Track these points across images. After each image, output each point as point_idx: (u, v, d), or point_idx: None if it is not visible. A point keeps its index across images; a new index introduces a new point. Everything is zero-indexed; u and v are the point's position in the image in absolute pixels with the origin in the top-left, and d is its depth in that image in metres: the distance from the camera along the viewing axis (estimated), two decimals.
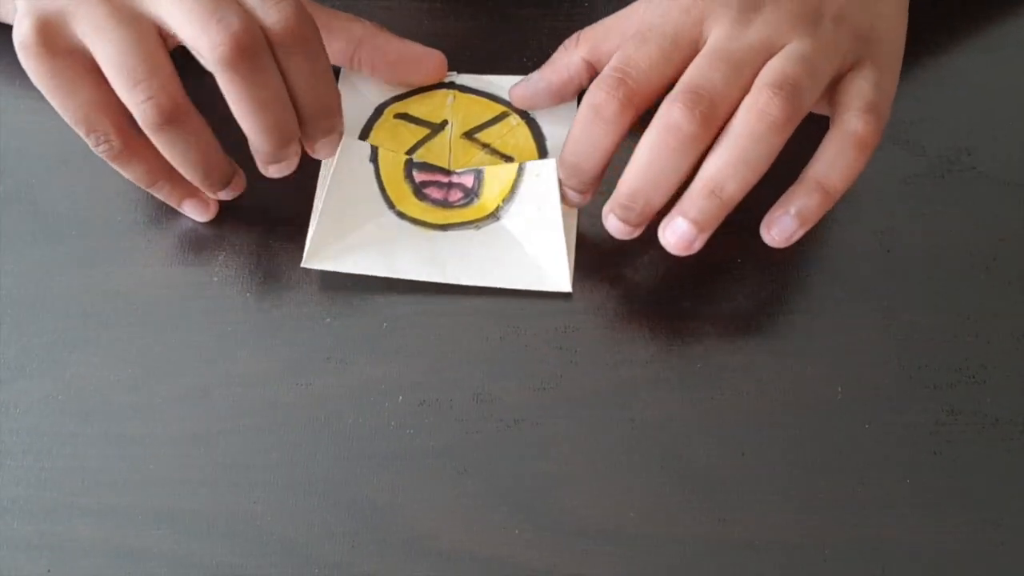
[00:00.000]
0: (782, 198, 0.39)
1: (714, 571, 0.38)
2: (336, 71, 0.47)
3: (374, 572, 0.39)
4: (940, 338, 0.42)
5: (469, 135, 0.47)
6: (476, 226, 0.44)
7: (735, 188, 0.38)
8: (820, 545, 0.39)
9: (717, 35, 0.39)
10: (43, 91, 0.38)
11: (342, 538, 0.39)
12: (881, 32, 0.41)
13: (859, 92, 0.39)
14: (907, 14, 0.43)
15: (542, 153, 0.46)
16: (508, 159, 0.46)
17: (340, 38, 0.45)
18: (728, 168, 0.38)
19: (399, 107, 0.47)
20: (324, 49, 0.39)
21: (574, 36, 0.44)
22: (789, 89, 0.37)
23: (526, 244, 0.44)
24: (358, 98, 0.47)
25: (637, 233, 0.41)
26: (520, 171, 0.44)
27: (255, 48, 0.37)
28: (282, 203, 0.43)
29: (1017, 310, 0.42)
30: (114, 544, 0.39)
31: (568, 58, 0.44)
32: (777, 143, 0.37)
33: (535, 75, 0.45)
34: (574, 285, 0.43)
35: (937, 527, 0.39)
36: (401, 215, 0.45)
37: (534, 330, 0.42)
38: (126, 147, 0.39)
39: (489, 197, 0.45)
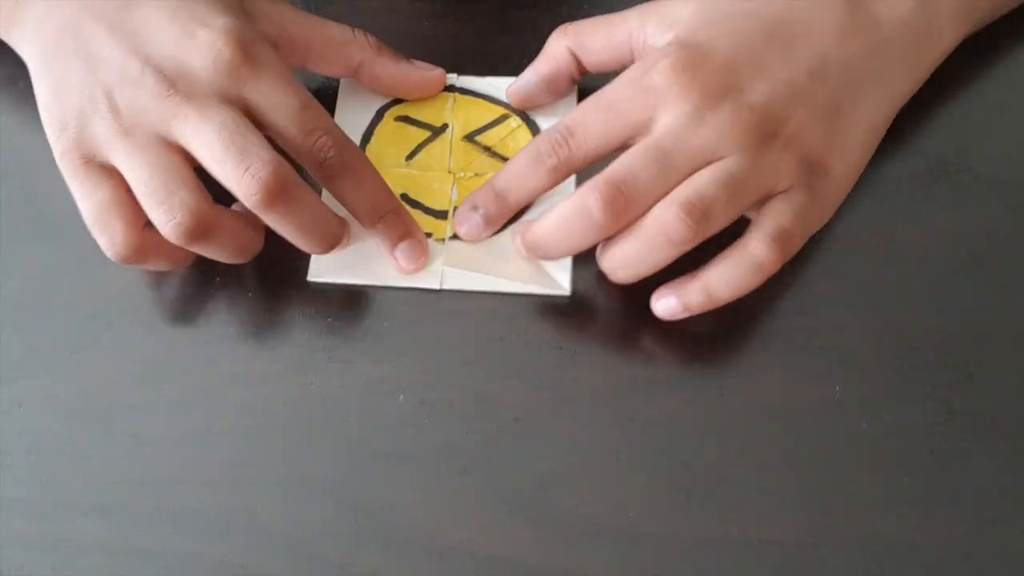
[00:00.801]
0: (676, 281, 0.41)
1: (714, 571, 0.38)
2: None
3: (375, 571, 0.39)
4: (938, 338, 0.42)
5: (470, 138, 0.47)
6: None
7: (625, 276, 0.41)
8: (820, 545, 0.39)
9: (664, 126, 0.40)
10: (72, 191, 0.40)
11: (343, 537, 0.39)
12: (832, 164, 0.41)
13: (776, 216, 0.40)
14: (873, 148, 0.43)
15: None
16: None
17: (338, 63, 0.46)
18: (622, 260, 0.40)
19: (400, 110, 0.48)
20: (370, 167, 0.42)
21: (560, 28, 0.45)
22: (698, 215, 0.38)
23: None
24: (359, 101, 0.47)
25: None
26: None
27: (286, 188, 0.39)
28: None
29: (1015, 310, 0.42)
30: (117, 543, 0.39)
31: (555, 48, 0.45)
32: (673, 255, 0.40)
33: (526, 72, 0.46)
34: (573, 285, 0.43)
35: (936, 527, 0.39)
36: None
37: (534, 330, 0.43)
38: (134, 251, 0.40)
39: None
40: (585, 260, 0.43)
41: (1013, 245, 0.44)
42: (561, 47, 0.44)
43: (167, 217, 0.38)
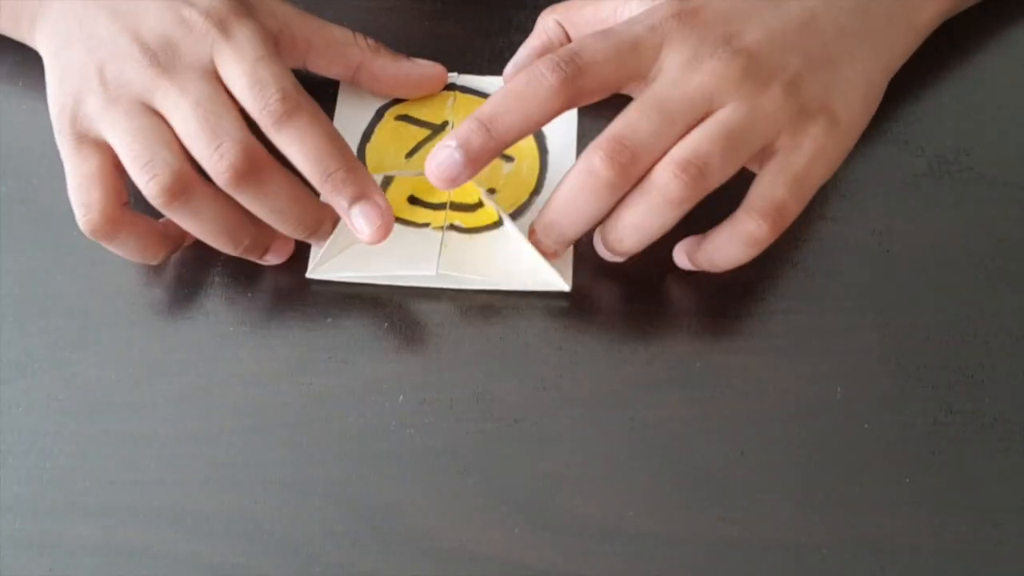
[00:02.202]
0: (691, 240, 0.42)
1: (714, 571, 0.39)
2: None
3: (374, 571, 0.39)
4: (938, 338, 0.42)
5: None
6: (479, 232, 0.45)
7: (631, 245, 0.41)
8: (820, 545, 0.39)
9: (664, 75, 0.40)
10: (65, 167, 0.41)
11: (343, 537, 0.39)
12: (838, 112, 0.40)
13: (772, 185, 0.39)
14: (875, 102, 0.43)
15: (542, 152, 0.46)
16: (508, 160, 0.46)
17: (337, 63, 0.46)
18: (625, 229, 0.40)
19: (400, 109, 0.48)
20: (317, 121, 0.40)
21: (548, 7, 0.46)
22: (694, 171, 0.38)
23: (528, 245, 0.44)
24: (359, 101, 0.48)
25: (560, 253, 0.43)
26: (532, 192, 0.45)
27: (255, 168, 0.39)
28: None
29: (1015, 310, 0.42)
30: (115, 543, 0.39)
31: (544, 22, 0.46)
32: (674, 216, 0.39)
33: (519, 50, 0.47)
34: (574, 285, 0.43)
35: (936, 527, 0.39)
36: (404, 221, 0.45)
37: (534, 330, 0.43)
38: (107, 222, 0.40)
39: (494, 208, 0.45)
40: (585, 259, 0.43)
41: (1013, 245, 0.44)
42: (550, 21, 0.45)
43: (149, 175, 0.39)
